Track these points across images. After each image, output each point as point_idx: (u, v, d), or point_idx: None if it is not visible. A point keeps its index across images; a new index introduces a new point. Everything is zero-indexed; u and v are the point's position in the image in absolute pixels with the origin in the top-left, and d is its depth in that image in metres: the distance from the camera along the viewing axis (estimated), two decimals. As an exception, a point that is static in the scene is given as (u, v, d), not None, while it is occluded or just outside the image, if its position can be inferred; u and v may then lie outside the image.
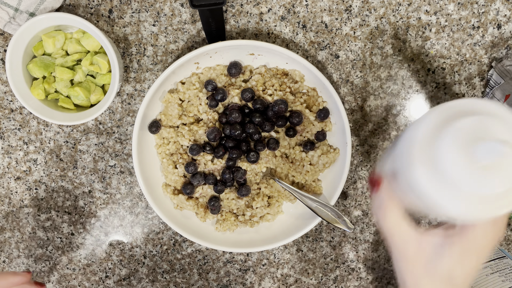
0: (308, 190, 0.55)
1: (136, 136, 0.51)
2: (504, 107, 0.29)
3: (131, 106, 0.55)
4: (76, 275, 0.61)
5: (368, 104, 0.56)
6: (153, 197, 0.53)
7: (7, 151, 0.57)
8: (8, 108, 0.55)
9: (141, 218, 0.59)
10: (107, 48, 0.48)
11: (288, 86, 0.53)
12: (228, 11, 0.52)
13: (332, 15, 0.52)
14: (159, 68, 0.54)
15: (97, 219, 0.59)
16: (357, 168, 0.58)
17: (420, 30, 0.53)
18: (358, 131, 0.56)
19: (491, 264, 0.50)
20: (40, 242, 0.60)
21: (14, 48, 0.48)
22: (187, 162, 0.53)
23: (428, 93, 0.55)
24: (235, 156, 0.52)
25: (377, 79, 0.55)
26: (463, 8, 0.52)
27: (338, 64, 0.54)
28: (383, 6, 0.52)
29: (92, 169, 0.57)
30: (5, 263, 0.61)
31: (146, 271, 0.61)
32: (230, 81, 0.53)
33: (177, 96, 0.52)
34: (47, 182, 0.58)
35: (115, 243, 0.60)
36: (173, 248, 0.60)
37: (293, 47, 0.54)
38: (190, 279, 0.61)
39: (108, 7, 0.52)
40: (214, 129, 0.52)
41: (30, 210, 0.59)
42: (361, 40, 0.53)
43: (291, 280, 0.61)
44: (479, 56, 0.54)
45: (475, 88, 0.55)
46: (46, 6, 0.49)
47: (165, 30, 0.53)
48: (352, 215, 0.59)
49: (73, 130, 0.56)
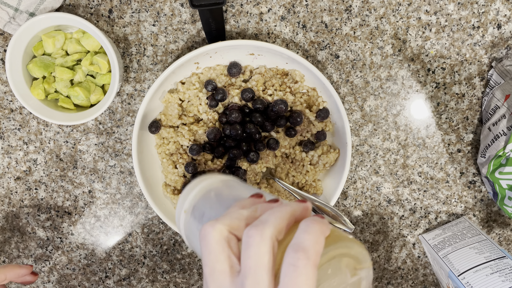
0: (308, 190, 0.55)
1: (136, 136, 0.51)
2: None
3: (131, 106, 0.55)
4: (76, 275, 0.61)
5: (368, 104, 0.56)
6: (153, 197, 0.53)
7: (7, 151, 0.57)
8: (8, 108, 0.55)
9: (141, 218, 0.59)
10: (107, 48, 0.48)
11: (288, 86, 0.53)
12: (228, 11, 0.52)
13: (332, 15, 0.52)
14: (159, 68, 0.54)
15: (97, 219, 0.59)
16: (357, 168, 0.58)
17: (420, 30, 0.53)
18: (358, 131, 0.56)
19: (491, 264, 0.50)
20: (40, 242, 0.60)
21: (14, 48, 0.48)
22: (187, 162, 0.53)
23: (428, 93, 0.55)
24: (235, 156, 0.52)
25: (377, 79, 0.55)
26: (463, 8, 0.52)
27: (338, 64, 0.54)
28: (383, 6, 0.52)
29: (92, 169, 0.57)
30: (5, 263, 0.61)
31: (146, 271, 0.61)
32: (230, 81, 0.53)
33: (177, 96, 0.52)
34: (47, 182, 0.58)
35: (115, 243, 0.60)
36: (173, 248, 0.60)
37: (293, 47, 0.54)
38: (190, 279, 0.61)
39: (108, 7, 0.52)
40: (214, 129, 0.52)
41: (30, 210, 0.59)
42: (361, 40, 0.53)
43: (291, 280, 0.61)
44: (479, 56, 0.54)
45: (475, 88, 0.55)
46: (46, 6, 0.49)
47: (165, 30, 0.53)
48: (352, 215, 0.59)
49: (73, 130, 0.56)
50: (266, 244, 0.23)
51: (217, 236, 0.25)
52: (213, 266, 0.25)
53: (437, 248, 0.55)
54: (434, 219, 0.60)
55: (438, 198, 0.59)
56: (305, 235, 0.23)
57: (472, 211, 0.60)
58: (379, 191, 0.58)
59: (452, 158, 0.57)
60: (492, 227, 0.60)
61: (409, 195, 0.59)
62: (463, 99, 0.56)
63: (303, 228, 0.24)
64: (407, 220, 0.60)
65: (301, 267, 0.22)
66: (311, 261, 0.22)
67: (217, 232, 0.25)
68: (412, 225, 0.60)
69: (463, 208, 0.59)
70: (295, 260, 0.22)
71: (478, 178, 0.58)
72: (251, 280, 0.23)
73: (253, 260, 0.23)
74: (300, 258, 0.22)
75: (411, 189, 0.58)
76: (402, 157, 0.57)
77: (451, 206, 0.59)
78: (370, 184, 0.58)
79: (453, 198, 0.59)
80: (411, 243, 0.61)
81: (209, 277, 0.25)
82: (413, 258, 0.62)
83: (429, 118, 0.56)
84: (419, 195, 0.59)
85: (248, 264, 0.23)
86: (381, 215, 0.59)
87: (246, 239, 0.24)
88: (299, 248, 0.23)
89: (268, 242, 0.24)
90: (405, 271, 0.62)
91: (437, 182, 0.58)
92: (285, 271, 0.23)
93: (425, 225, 0.60)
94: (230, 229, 0.25)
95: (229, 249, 0.25)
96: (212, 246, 0.25)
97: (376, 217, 0.60)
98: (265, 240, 0.24)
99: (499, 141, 0.50)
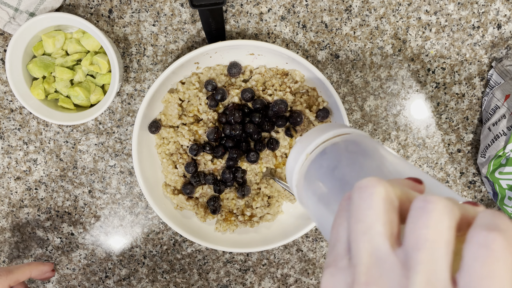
0: (308, 190, 0.55)
1: (136, 136, 0.51)
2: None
3: (131, 106, 0.55)
4: (76, 275, 0.61)
5: (368, 104, 0.56)
6: (153, 197, 0.53)
7: (7, 151, 0.57)
8: (8, 108, 0.55)
9: (141, 218, 0.59)
10: (107, 48, 0.48)
11: (288, 86, 0.53)
12: (228, 11, 0.52)
13: (332, 15, 0.52)
14: (159, 68, 0.54)
15: (97, 219, 0.59)
16: (357, 168, 0.58)
17: (420, 30, 0.53)
18: (358, 131, 0.56)
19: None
20: (40, 242, 0.60)
21: (14, 48, 0.48)
22: (187, 162, 0.53)
23: (428, 93, 0.55)
24: (235, 156, 0.52)
25: (377, 79, 0.55)
26: (463, 8, 0.52)
27: (338, 64, 0.54)
28: (383, 6, 0.52)
29: (92, 169, 0.57)
30: (5, 263, 0.61)
31: (146, 271, 0.61)
32: (230, 81, 0.53)
33: (177, 96, 0.52)
34: (47, 182, 0.58)
35: (115, 243, 0.60)
36: (173, 248, 0.60)
37: (293, 47, 0.54)
38: (190, 279, 0.61)
39: (108, 7, 0.52)
40: (214, 129, 0.52)
41: (30, 210, 0.59)
42: (361, 40, 0.53)
43: (291, 280, 0.61)
44: (479, 56, 0.54)
45: (475, 88, 0.55)
46: (46, 6, 0.49)
47: (165, 30, 0.53)
48: (352, 215, 0.59)
49: (73, 130, 0.56)
50: (450, 218, 0.18)
51: (384, 193, 0.20)
52: (371, 224, 0.19)
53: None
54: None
55: (438, 198, 0.59)
56: (495, 219, 0.18)
57: (472, 211, 0.59)
58: (379, 191, 0.58)
59: (452, 158, 0.57)
60: (492, 227, 0.60)
61: (409, 195, 0.59)
62: (463, 99, 0.56)
63: (488, 213, 0.18)
64: (407, 220, 0.60)
65: (498, 251, 0.16)
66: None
67: (385, 190, 0.20)
68: (412, 225, 0.60)
69: (463, 208, 0.59)
70: (490, 241, 0.17)
71: (478, 178, 0.58)
72: (426, 255, 0.17)
73: (432, 231, 0.18)
74: (496, 239, 0.16)
75: (411, 189, 0.58)
76: (402, 157, 0.57)
77: (451, 206, 0.59)
78: (370, 184, 0.58)
79: (453, 198, 0.59)
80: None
81: (362, 236, 0.19)
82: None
83: (429, 118, 0.56)
84: (419, 195, 0.59)
85: (424, 235, 0.18)
86: (381, 215, 0.59)
87: (423, 204, 0.19)
88: (493, 227, 0.17)
89: (453, 216, 0.18)
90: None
91: (437, 182, 0.58)
92: (474, 253, 0.17)
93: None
94: (398, 196, 0.20)
95: (395, 215, 0.20)
96: (376, 202, 0.20)
97: (376, 217, 0.59)
98: (449, 213, 0.18)
99: (499, 141, 0.50)
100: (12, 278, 0.46)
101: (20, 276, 0.47)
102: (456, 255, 0.18)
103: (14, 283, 0.46)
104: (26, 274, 0.47)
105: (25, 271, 0.47)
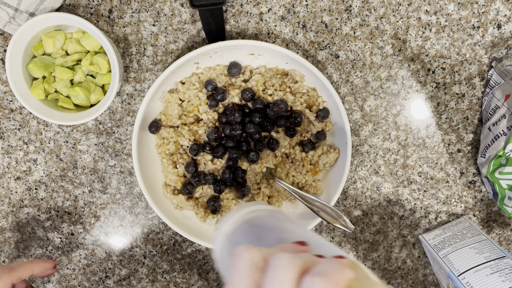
0: (308, 190, 0.55)
1: (136, 136, 0.51)
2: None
3: (131, 106, 0.55)
4: (76, 275, 0.61)
5: (368, 104, 0.56)
6: (153, 197, 0.53)
7: (7, 151, 0.57)
8: (8, 108, 0.55)
9: (141, 218, 0.59)
10: (107, 48, 0.48)
11: (288, 86, 0.53)
12: (228, 11, 0.52)
13: (332, 15, 0.52)
14: (159, 68, 0.54)
15: (97, 219, 0.59)
16: (357, 168, 0.58)
17: (420, 30, 0.53)
18: (358, 131, 0.56)
19: (491, 264, 0.50)
20: (40, 242, 0.60)
21: (14, 48, 0.48)
22: (187, 162, 0.53)
23: (428, 93, 0.55)
24: (235, 156, 0.52)
25: (377, 79, 0.55)
26: (463, 8, 0.52)
27: (338, 64, 0.54)
28: (383, 6, 0.52)
29: (92, 169, 0.57)
30: (5, 263, 0.61)
31: (146, 271, 0.61)
32: (230, 81, 0.53)
33: (177, 96, 0.52)
34: (47, 182, 0.58)
35: (115, 243, 0.60)
36: (173, 248, 0.60)
37: (293, 47, 0.54)
38: (190, 279, 0.61)
39: (108, 7, 0.52)
40: (214, 129, 0.52)
41: (30, 210, 0.59)
42: (361, 40, 0.53)
43: (291, 280, 0.61)
44: (479, 56, 0.54)
45: (475, 88, 0.55)
46: (46, 6, 0.49)
47: (165, 30, 0.53)
48: (352, 215, 0.59)
49: (73, 130, 0.56)
50: (292, 270, 0.22)
51: (249, 258, 0.24)
52: (236, 285, 0.24)
53: (437, 248, 0.55)
54: (434, 219, 0.60)
55: (438, 198, 0.59)
56: (326, 266, 0.22)
57: (472, 211, 0.60)
58: (379, 191, 0.58)
59: (452, 158, 0.57)
60: (492, 227, 0.60)
61: (409, 195, 0.59)
62: (463, 99, 0.56)
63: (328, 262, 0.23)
64: (407, 220, 0.60)
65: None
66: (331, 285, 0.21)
67: (251, 255, 0.24)
68: (412, 225, 0.60)
69: (463, 208, 0.59)
70: (311, 285, 0.21)
71: (478, 178, 0.58)
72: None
73: (277, 282, 0.22)
74: (316, 282, 0.21)
75: (411, 189, 0.58)
76: (402, 157, 0.57)
77: (451, 206, 0.59)
78: (370, 184, 0.58)
79: (453, 198, 0.59)
80: (411, 243, 0.61)
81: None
82: (413, 258, 0.62)
83: (429, 118, 0.56)
84: (419, 195, 0.59)
85: (272, 286, 0.22)
86: (381, 215, 0.59)
87: (274, 261, 0.23)
88: (319, 273, 0.21)
89: (296, 269, 0.22)
90: (405, 271, 0.62)
91: (437, 182, 0.58)
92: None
93: (425, 225, 0.60)
94: (265, 257, 0.24)
95: (258, 275, 0.23)
96: (241, 266, 0.24)
97: (376, 217, 0.60)
98: (293, 266, 0.22)
99: (499, 141, 0.50)
100: (15, 275, 0.46)
101: (23, 273, 0.47)
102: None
103: (16, 280, 0.46)
104: (28, 272, 0.47)
105: (27, 269, 0.47)
